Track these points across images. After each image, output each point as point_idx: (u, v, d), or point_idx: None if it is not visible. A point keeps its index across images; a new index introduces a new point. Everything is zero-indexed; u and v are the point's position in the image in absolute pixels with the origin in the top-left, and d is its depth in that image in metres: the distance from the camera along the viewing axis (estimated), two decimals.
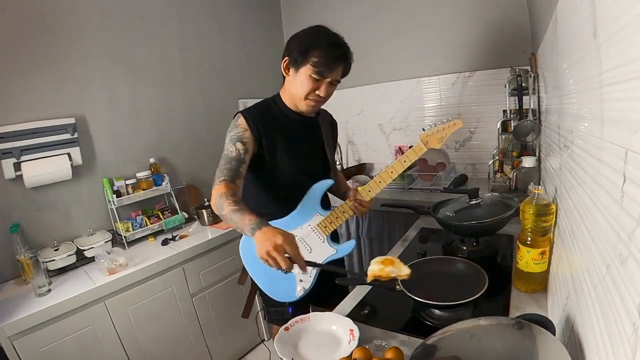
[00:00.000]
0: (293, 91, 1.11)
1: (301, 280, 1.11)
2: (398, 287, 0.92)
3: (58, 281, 1.49)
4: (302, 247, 1.14)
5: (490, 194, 1.34)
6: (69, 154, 1.65)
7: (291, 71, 1.10)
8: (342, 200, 1.24)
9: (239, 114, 1.12)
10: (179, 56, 2.15)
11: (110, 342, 1.45)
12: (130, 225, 1.79)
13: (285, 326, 0.91)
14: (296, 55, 1.05)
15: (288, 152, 1.15)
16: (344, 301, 1.05)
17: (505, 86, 1.74)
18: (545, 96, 1.40)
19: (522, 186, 1.62)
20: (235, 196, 0.99)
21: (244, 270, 1.22)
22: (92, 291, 1.39)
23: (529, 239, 0.89)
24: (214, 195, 1.00)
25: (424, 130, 1.12)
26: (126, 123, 1.92)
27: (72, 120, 1.67)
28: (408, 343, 0.82)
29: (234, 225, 0.97)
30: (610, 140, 0.43)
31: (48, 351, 1.28)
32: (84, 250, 1.63)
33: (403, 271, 0.85)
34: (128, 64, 1.92)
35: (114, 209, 1.76)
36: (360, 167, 2.50)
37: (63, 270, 1.57)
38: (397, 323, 0.92)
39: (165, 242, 1.79)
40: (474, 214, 1.21)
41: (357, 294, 1.07)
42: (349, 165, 2.63)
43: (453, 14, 2.10)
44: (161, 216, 1.91)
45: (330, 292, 1.18)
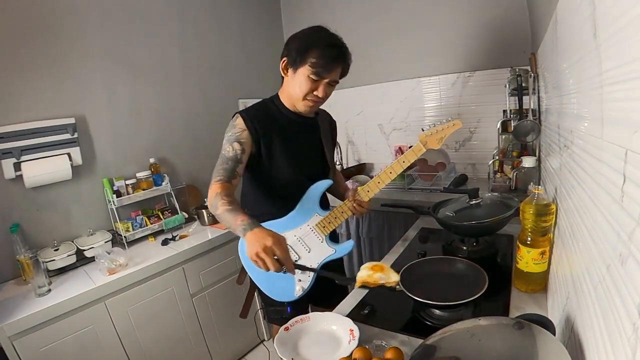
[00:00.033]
0: (291, 91, 1.11)
1: (300, 280, 1.11)
2: (398, 287, 0.92)
3: (58, 281, 1.49)
4: (301, 247, 1.14)
5: (490, 194, 1.33)
6: (69, 154, 1.65)
7: (290, 72, 1.10)
8: (341, 201, 1.24)
9: (237, 114, 1.12)
10: (179, 56, 2.15)
11: (110, 342, 1.45)
12: (130, 225, 1.79)
13: (285, 326, 0.91)
14: (294, 56, 1.06)
15: (286, 153, 1.15)
16: (344, 301, 1.05)
17: (505, 86, 1.74)
18: (545, 96, 1.40)
19: (522, 186, 1.62)
20: (230, 196, 0.99)
21: (242, 270, 1.22)
22: (92, 291, 1.39)
23: (529, 239, 0.89)
24: (210, 194, 1.01)
25: (423, 130, 1.12)
26: (126, 123, 1.93)
27: (72, 120, 1.67)
28: (408, 343, 0.82)
29: (226, 225, 0.98)
30: (610, 140, 0.43)
31: (48, 351, 1.28)
32: (84, 250, 1.63)
33: (392, 278, 0.84)
34: (128, 64, 1.92)
35: (114, 209, 1.76)
36: (360, 167, 2.50)
37: (63, 270, 1.57)
38: (397, 323, 0.92)
39: (165, 242, 1.79)
40: (474, 214, 1.21)
41: (357, 294, 1.07)
42: (349, 165, 2.62)
43: (453, 14, 2.09)
44: (161, 216, 1.91)
45: (329, 292, 1.18)
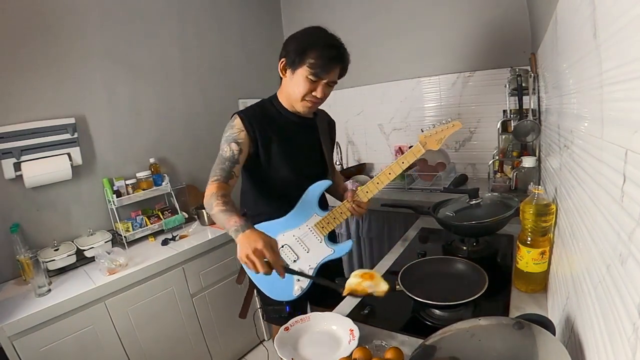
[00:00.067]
0: (290, 92, 1.11)
1: (299, 280, 1.12)
2: (398, 287, 0.92)
3: (58, 281, 1.49)
4: (300, 247, 1.15)
5: (490, 194, 1.33)
6: (69, 154, 1.65)
7: (288, 72, 1.10)
8: (340, 201, 1.24)
9: (235, 115, 1.12)
10: (179, 56, 2.15)
11: (110, 342, 1.45)
12: (130, 225, 1.79)
13: (285, 326, 0.91)
14: (293, 57, 1.05)
15: (284, 153, 1.15)
16: (344, 301, 1.05)
17: (505, 86, 1.74)
18: (545, 96, 1.40)
19: (522, 186, 1.62)
20: (226, 197, 0.99)
21: (242, 269, 1.22)
22: (92, 291, 1.39)
23: (529, 239, 0.89)
24: (206, 194, 1.02)
25: (423, 131, 1.12)
26: (126, 123, 1.93)
27: (72, 120, 1.67)
28: (408, 343, 0.82)
29: (220, 225, 0.98)
30: (610, 140, 0.43)
31: (48, 351, 1.28)
32: (84, 250, 1.63)
33: (381, 287, 0.84)
34: (128, 64, 1.92)
35: (114, 209, 1.76)
36: (360, 167, 2.50)
37: (63, 270, 1.57)
38: (397, 323, 0.92)
39: (165, 242, 1.79)
40: (474, 214, 1.21)
41: None
42: (349, 165, 2.63)
43: (453, 14, 2.09)
44: (161, 216, 1.91)
45: (329, 291, 1.18)
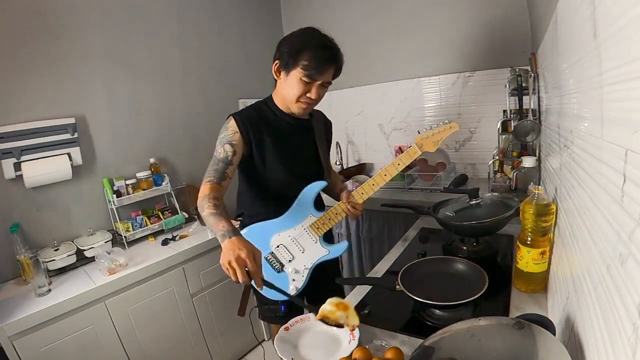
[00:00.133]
0: (284, 94, 1.11)
1: (294, 280, 1.12)
2: (398, 287, 0.92)
3: (58, 281, 1.49)
4: (295, 248, 1.15)
5: (490, 194, 1.33)
6: (69, 154, 1.65)
7: (282, 74, 1.09)
8: (337, 201, 1.24)
9: (230, 117, 1.12)
10: (179, 56, 2.15)
11: (110, 342, 1.45)
12: (130, 225, 1.79)
13: (285, 326, 0.91)
14: (286, 59, 1.05)
15: (279, 155, 1.15)
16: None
17: (505, 86, 1.74)
18: (545, 96, 1.40)
19: (522, 186, 1.62)
20: (218, 199, 0.99)
21: None
22: (92, 291, 1.39)
23: (529, 239, 0.89)
24: (199, 195, 1.02)
25: (419, 133, 1.12)
26: (126, 123, 1.93)
27: (72, 120, 1.67)
28: (408, 343, 0.82)
29: (209, 228, 0.98)
30: (610, 140, 0.43)
31: (48, 351, 1.28)
32: (84, 250, 1.63)
33: (351, 321, 0.83)
34: (128, 64, 1.92)
35: (114, 209, 1.76)
36: (360, 167, 2.50)
37: (63, 270, 1.57)
38: (397, 323, 0.92)
39: (165, 242, 1.79)
40: (474, 214, 1.21)
41: (357, 294, 1.07)
42: (349, 165, 2.62)
43: (453, 14, 2.09)
44: (161, 216, 1.91)
45: (326, 291, 1.18)
